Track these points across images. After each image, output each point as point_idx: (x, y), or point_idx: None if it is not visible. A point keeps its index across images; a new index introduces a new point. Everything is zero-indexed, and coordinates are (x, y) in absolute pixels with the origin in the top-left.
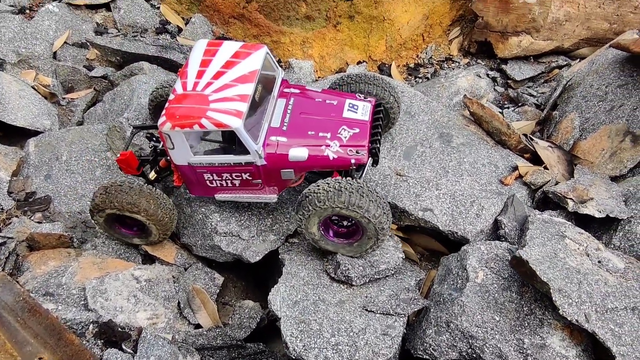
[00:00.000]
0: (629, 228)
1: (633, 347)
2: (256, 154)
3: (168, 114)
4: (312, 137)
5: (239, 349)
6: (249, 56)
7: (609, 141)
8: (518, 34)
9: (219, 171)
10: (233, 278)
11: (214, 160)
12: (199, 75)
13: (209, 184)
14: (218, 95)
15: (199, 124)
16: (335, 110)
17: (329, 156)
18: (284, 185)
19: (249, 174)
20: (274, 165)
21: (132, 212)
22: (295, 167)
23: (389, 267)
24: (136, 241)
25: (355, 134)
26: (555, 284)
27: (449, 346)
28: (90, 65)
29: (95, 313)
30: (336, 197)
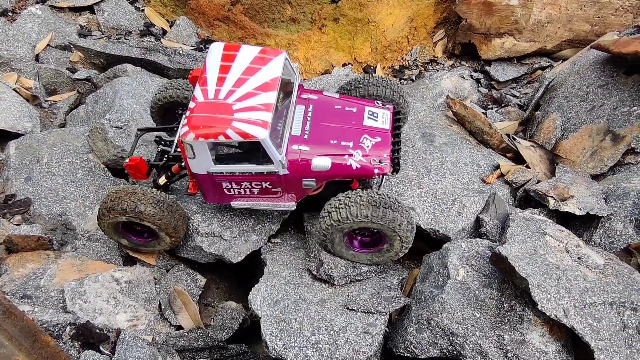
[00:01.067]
0: (609, 225)
1: (611, 341)
2: (280, 164)
3: (191, 124)
4: (335, 146)
5: (221, 350)
6: (269, 62)
7: (590, 140)
8: (501, 35)
9: (238, 180)
10: (216, 279)
11: (235, 170)
12: (220, 82)
13: (226, 192)
14: (242, 104)
15: (224, 135)
16: (355, 118)
17: (352, 166)
18: (304, 193)
19: (270, 183)
20: (296, 175)
21: (142, 219)
22: (318, 176)
23: (370, 270)
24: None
25: (377, 142)
26: (534, 280)
27: (429, 343)
28: (73, 67)
29: (74, 315)
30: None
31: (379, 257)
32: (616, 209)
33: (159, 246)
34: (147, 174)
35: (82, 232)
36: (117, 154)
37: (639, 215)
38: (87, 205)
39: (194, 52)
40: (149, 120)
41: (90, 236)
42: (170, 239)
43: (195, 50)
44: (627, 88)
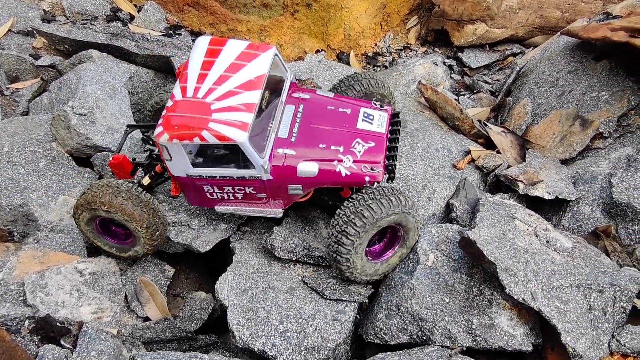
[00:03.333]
0: (577, 209)
1: (578, 323)
2: (262, 168)
3: (165, 124)
4: (323, 151)
5: (190, 341)
6: (255, 58)
7: (559, 125)
8: (473, 22)
9: (220, 184)
10: (185, 269)
11: (215, 174)
12: (200, 79)
13: (209, 195)
14: (221, 104)
15: (200, 137)
16: (349, 120)
17: (341, 172)
18: (291, 200)
19: (253, 188)
20: (280, 180)
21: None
22: (304, 182)
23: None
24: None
25: (370, 147)
26: (502, 264)
27: (399, 329)
28: (36, 54)
29: (34, 308)
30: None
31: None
32: (584, 192)
33: (134, 250)
34: (131, 173)
35: (44, 223)
36: (80, 142)
37: (606, 199)
38: (50, 196)
39: (162, 38)
40: (115, 108)
41: (54, 227)
42: (147, 241)
43: (164, 36)
44: (596, 74)
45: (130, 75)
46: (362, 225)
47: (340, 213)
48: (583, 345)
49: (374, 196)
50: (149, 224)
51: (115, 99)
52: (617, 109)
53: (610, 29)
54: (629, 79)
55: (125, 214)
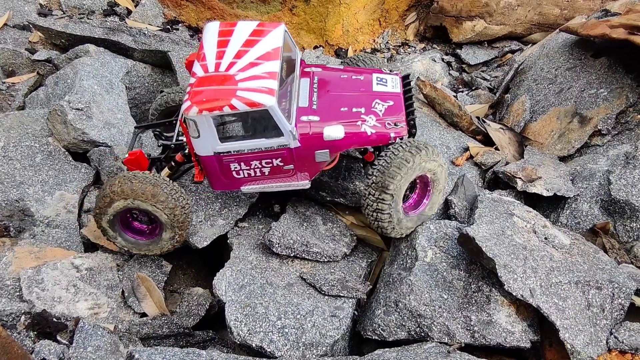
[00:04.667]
0: (576, 206)
1: (576, 320)
2: (290, 134)
3: (193, 98)
4: (346, 114)
5: (187, 337)
6: (268, 34)
7: (557, 122)
8: (472, 18)
9: (247, 159)
10: (183, 265)
11: (243, 147)
12: (219, 55)
13: (235, 175)
14: (244, 74)
15: (230, 106)
16: (364, 85)
17: (367, 132)
18: (318, 169)
19: (281, 159)
20: (308, 147)
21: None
22: (331, 147)
23: (323, 254)
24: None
25: (390, 106)
26: (501, 260)
27: (397, 326)
28: (32, 48)
29: (30, 304)
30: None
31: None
32: (582, 189)
33: (161, 243)
34: (148, 169)
35: (40, 219)
36: (77, 137)
37: (604, 196)
38: (47, 191)
39: (160, 32)
40: (112, 103)
41: (50, 222)
42: (178, 230)
43: (162, 31)
44: (595, 70)
45: (127, 70)
46: (399, 177)
47: (374, 171)
48: (581, 342)
49: (405, 148)
50: (179, 212)
51: (112, 93)
52: (616, 106)
53: (609, 26)
54: (628, 76)
55: (157, 202)
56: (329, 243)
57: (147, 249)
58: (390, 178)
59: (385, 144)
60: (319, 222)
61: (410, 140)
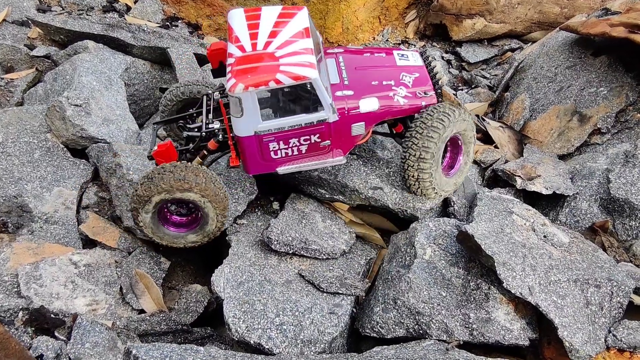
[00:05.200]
0: (575, 204)
1: (575, 318)
2: (330, 107)
3: (237, 76)
4: (378, 87)
5: (185, 333)
6: (295, 16)
7: (557, 121)
8: (472, 16)
9: (286, 137)
10: (181, 262)
11: (284, 124)
12: (253, 36)
13: (273, 155)
14: (283, 51)
15: (275, 80)
16: (387, 61)
17: (400, 102)
18: (353, 143)
19: (319, 135)
20: (345, 121)
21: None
22: (367, 119)
23: (321, 251)
24: (192, 238)
25: (416, 78)
26: (500, 258)
27: (396, 323)
28: (31, 44)
29: (28, 300)
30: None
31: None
32: (582, 188)
33: (204, 231)
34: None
35: (39, 215)
36: (76, 133)
37: (604, 195)
38: (45, 187)
39: (159, 29)
40: (111, 99)
41: (48, 219)
42: (220, 218)
43: (161, 27)
44: (594, 69)
45: (126, 67)
46: (437, 138)
47: (412, 136)
48: (580, 340)
49: (438, 111)
50: (220, 198)
51: (111, 90)
52: (616, 104)
53: (610, 25)
54: (628, 75)
55: (201, 191)
56: (327, 240)
57: (189, 240)
58: (428, 139)
59: (417, 112)
60: (318, 219)
61: (441, 103)
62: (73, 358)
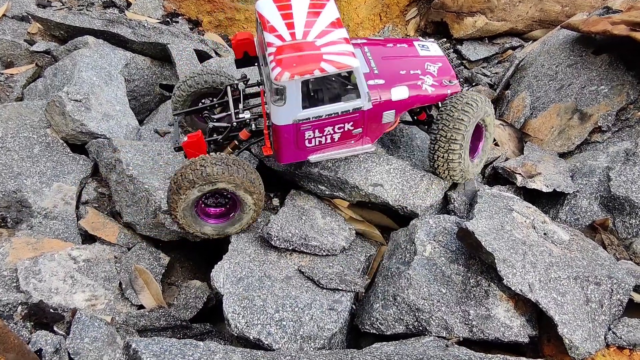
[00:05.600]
0: (575, 202)
1: (575, 315)
2: (367, 95)
3: (282, 65)
4: (406, 76)
5: (185, 329)
6: (325, 6)
7: (558, 119)
8: (473, 14)
9: (322, 125)
10: (181, 258)
11: (322, 112)
12: (290, 26)
13: (307, 144)
14: (322, 40)
15: (320, 69)
16: (410, 51)
17: (428, 91)
18: (382, 130)
19: (353, 123)
20: (378, 108)
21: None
22: (398, 107)
23: (321, 247)
24: (230, 230)
25: (440, 67)
26: (500, 255)
27: (395, 320)
28: (31, 39)
29: (27, 295)
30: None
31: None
32: (582, 186)
33: (242, 221)
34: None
35: (38, 210)
36: (75, 128)
37: (604, 193)
38: (45, 182)
39: (159, 25)
40: (111, 95)
41: (47, 214)
42: (257, 207)
43: (161, 23)
44: (595, 67)
45: (126, 62)
46: (466, 123)
47: (441, 123)
48: (579, 337)
49: (464, 98)
50: (258, 188)
51: (111, 85)
52: (616, 103)
53: (611, 23)
54: (629, 73)
55: (242, 182)
56: (327, 237)
57: (228, 230)
58: (458, 125)
59: (442, 100)
60: (318, 215)
61: (464, 92)
62: (72, 353)
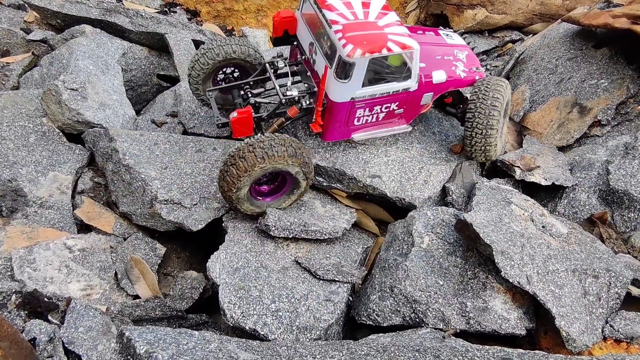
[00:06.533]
0: (574, 196)
1: (572, 307)
2: (416, 77)
3: (354, 42)
4: (441, 62)
5: (180, 320)
6: None
7: (557, 112)
8: (473, 7)
9: (373, 104)
10: (177, 249)
11: (377, 91)
12: (349, 6)
13: (355, 122)
14: (382, 21)
15: (387, 48)
16: (438, 39)
17: (461, 76)
18: (418, 112)
19: (398, 103)
20: (421, 89)
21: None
22: (436, 89)
23: (322, 232)
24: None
25: (467, 54)
26: (499, 246)
27: (392, 311)
28: (28, 28)
29: (22, 284)
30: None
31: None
32: (581, 179)
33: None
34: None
35: (33, 199)
36: (72, 117)
37: (603, 186)
38: (40, 171)
39: (157, 15)
40: (108, 84)
41: (43, 203)
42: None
43: (159, 13)
44: (596, 61)
45: (123, 52)
46: (498, 111)
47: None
48: (577, 330)
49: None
50: (309, 164)
51: (108, 74)
52: (616, 96)
53: (612, 16)
54: (629, 67)
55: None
56: (328, 222)
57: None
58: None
59: (470, 85)
60: (318, 205)
61: (489, 78)
62: (66, 342)
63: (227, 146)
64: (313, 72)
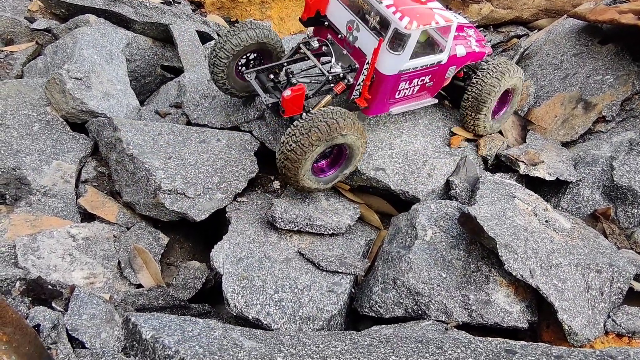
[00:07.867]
0: (577, 191)
1: (575, 301)
2: (449, 50)
3: (409, 14)
4: (458, 37)
5: (183, 309)
6: None
7: (562, 108)
8: (479, 1)
9: (412, 77)
10: (180, 239)
11: (418, 64)
12: None
13: (397, 95)
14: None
15: (436, 21)
16: None
17: (475, 50)
18: (440, 86)
19: (430, 77)
20: (448, 63)
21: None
22: (458, 62)
23: (326, 227)
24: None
25: (475, 31)
26: (502, 240)
27: (395, 303)
28: (32, 17)
29: (25, 271)
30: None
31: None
32: (585, 175)
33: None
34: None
35: (37, 187)
36: (76, 106)
37: (606, 182)
38: (44, 160)
39: (161, 5)
40: (112, 74)
41: (47, 192)
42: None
43: (164, 4)
44: (601, 57)
45: (127, 42)
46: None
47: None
48: (579, 324)
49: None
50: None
51: (112, 64)
52: (621, 92)
53: (619, 12)
54: (635, 63)
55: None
56: (332, 217)
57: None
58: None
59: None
60: (321, 198)
61: (500, 60)
62: (70, 329)
63: (230, 137)
64: (353, 50)
